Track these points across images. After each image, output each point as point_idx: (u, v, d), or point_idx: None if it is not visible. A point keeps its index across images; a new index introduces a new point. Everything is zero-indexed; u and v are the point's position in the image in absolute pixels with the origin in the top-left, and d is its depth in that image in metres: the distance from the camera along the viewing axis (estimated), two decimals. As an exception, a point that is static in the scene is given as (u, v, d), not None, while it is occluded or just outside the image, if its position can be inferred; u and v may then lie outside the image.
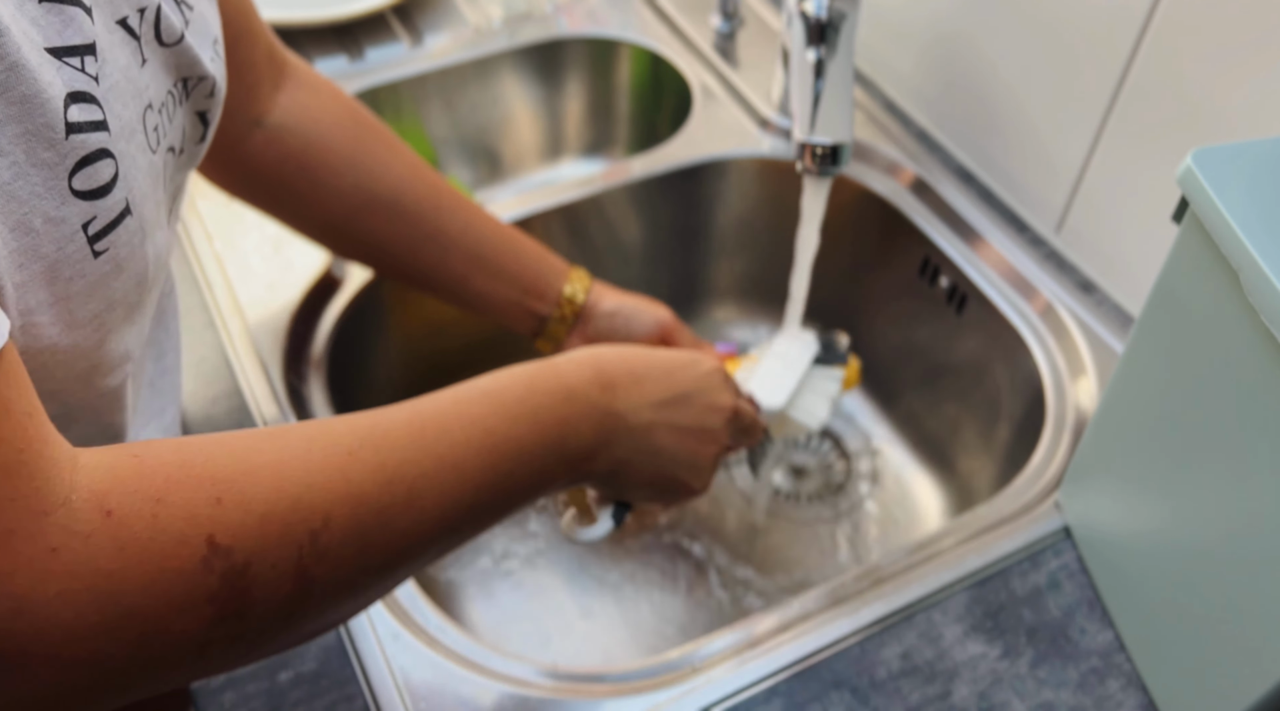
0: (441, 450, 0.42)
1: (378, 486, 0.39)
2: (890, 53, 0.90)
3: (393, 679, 0.56)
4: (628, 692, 0.56)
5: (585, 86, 1.05)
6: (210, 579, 0.33)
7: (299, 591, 0.36)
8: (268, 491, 0.35)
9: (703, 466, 0.56)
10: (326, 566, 0.37)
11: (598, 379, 0.50)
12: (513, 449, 0.45)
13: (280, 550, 0.35)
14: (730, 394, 0.58)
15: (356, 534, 0.38)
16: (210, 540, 0.33)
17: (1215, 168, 0.45)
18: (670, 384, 0.54)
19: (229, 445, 0.36)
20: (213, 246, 0.80)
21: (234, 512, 0.34)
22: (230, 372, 0.72)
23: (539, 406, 0.47)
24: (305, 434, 0.39)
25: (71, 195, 0.34)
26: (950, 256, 0.81)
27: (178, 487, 0.33)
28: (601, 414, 0.50)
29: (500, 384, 0.47)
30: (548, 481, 0.48)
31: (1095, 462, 0.61)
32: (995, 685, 0.57)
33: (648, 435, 0.52)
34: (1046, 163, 0.77)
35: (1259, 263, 0.41)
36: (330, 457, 0.38)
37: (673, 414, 0.53)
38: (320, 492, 0.37)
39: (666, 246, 0.95)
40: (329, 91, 0.67)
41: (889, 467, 0.90)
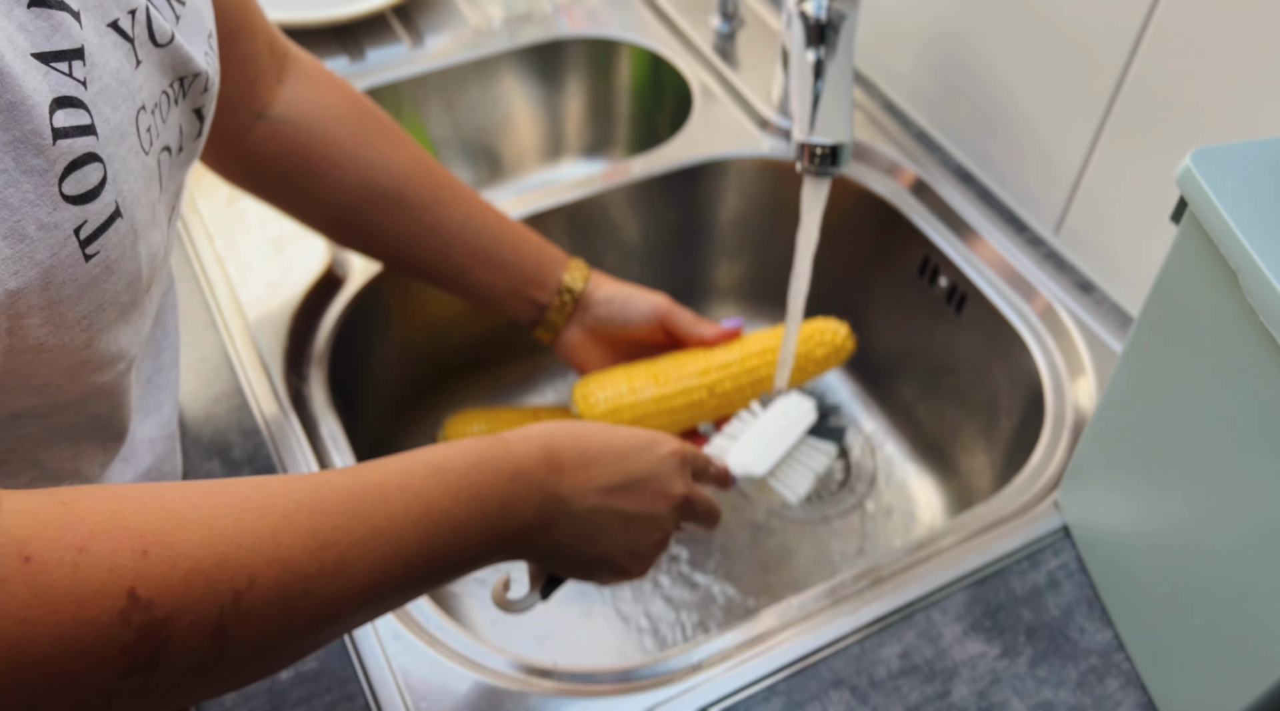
0: (378, 520, 0.41)
1: (307, 552, 0.38)
2: (890, 53, 0.90)
3: (393, 678, 0.56)
4: (628, 692, 0.56)
5: (585, 87, 1.05)
6: (126, 632, 0.33)
7: (215, 650, 0.35)
8: (196, 547, 0.35)
9: (642, 552, 0.55)
10: (246, 627, 0.36)
11: (546, 459, 0.50)
12: (451, 525, 0.44)
13: (201, 607, 0.35)
14: (684, 481, 0.56)
15: (280, 598, 0.37)
16: (131, 593, 0.33)
17: (1214, 168, 0.45)
18: (620, 468, 0.53)
19: (163, 498, 0.36)
20: (213, 246, 0.80)
21: (159, 567, 0.34)
22: (231, 372, 0.72)
23: (483, 485, 0.46)
24: (242, 492, 0.38)
25: (62, 200, 0.34)
26: (950, 256, 0.82)
27: (104, 538, 0.33)
28: (545, 496, 0.49)
29: (447, 457, 0.46)
30: (483, 557, 0.47)
31: (1094, 462, 0.61)
32: (994, 684, 0.57)
33: (590, 519, 0.51)
34: (1046, 163, 0.77)
35: (1258, 263, 0.41)
36: (263, 519, 0.38)
37: (619, 500, 0.52)
38: (248, 553, 0.36)
39: (666, 246, 0.95)
40: (332, 83, 0.67)
41: (889, 467, 0.90)
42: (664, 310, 0.74)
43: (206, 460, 0.67)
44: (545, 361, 0.96)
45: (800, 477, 0.67)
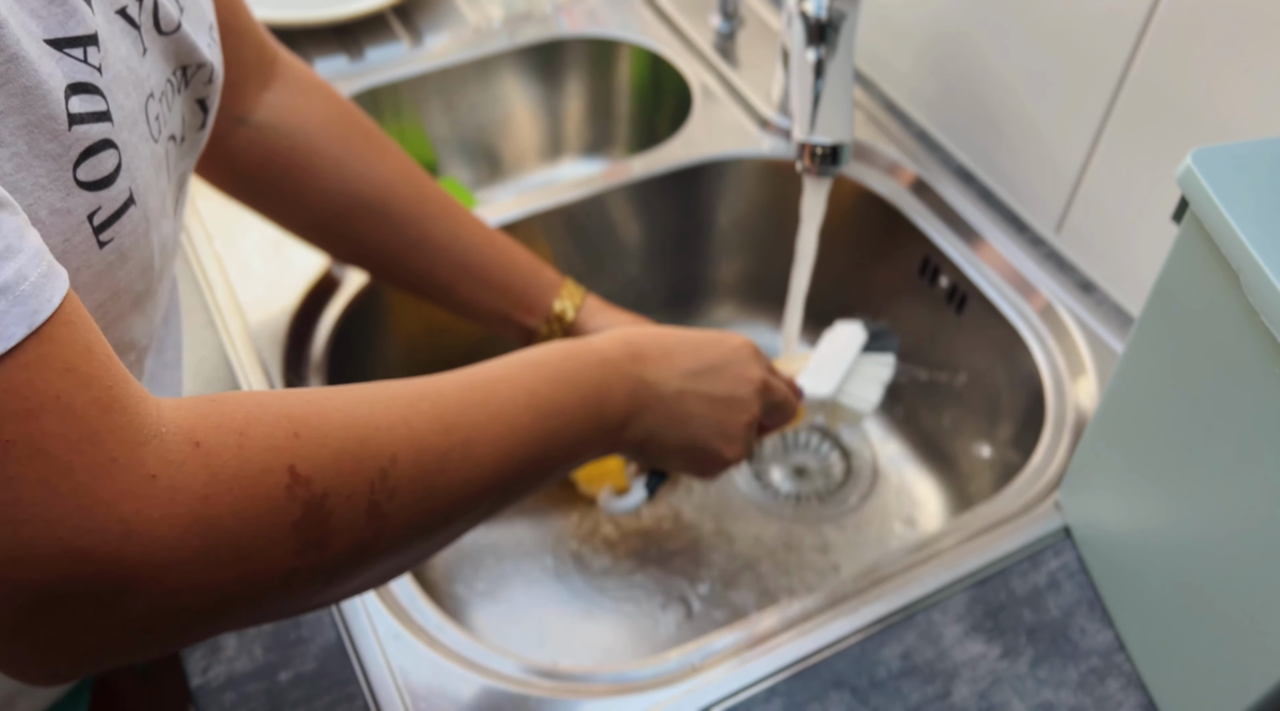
0: (492, 407, 0.45)
1: (436, 434, 0.41)
2: (890, 53, 0.90)
3: (393, 679, 0.56)
4: (628, 692, 0.56)
5: (585, 86, 1.05)
6: (293, 506, 0.35)
7: (371, 525, 0.38)
8: (339, 429, 0.38)
9: (734, 435, 0.58)
10: (395, 504, 0.39)
11: (629, 350, 0.53)
12: (555, 409, 0.48)
13: (354, 483, 0.37)
14: (760, 367, 0.60)
15: (421, 475, 0.40)
16: (292, 470, 0.35)
17: (1215, 168, 0.45)
18: (699, 356, 0.56)
19: (300, 393, 0.39)
20: (213, 246, 0.80)
21: (311, 446, 0.36)
22: (230, 373, 0.72)
23: (576, 372, 0.50)
24: (367, 388, 0.41)
25: (76, 186, 0.35)
26: (950, 256, 0.81)
27: (257, 423, 0.35)
28: (634, 382, 0.53)
29: (540, 353, 0.50)
30: (587, 446, 0.50)
31: (1095, 462, 0.61)
32: (995, 685, 0.57)
33: (678, 403, 0.55)
34: (1046, 163, 0.77)
35: (1259, 263, 0.41)
36: (393, 406, 0.41)
37: (702, 383, 0.56)
38: (386, 434, 0.39)
39: (666, 246, 0.95)
40: (321, 92, 0.66)
41: (889, 467, 0.90)
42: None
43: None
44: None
45: (868, 389, 0.69)
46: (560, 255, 0.89)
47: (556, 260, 0.89)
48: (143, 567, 0.31)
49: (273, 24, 0.95)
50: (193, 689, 0.56)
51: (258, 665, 0.57)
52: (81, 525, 0.30)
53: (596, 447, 0.51)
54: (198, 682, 0.56)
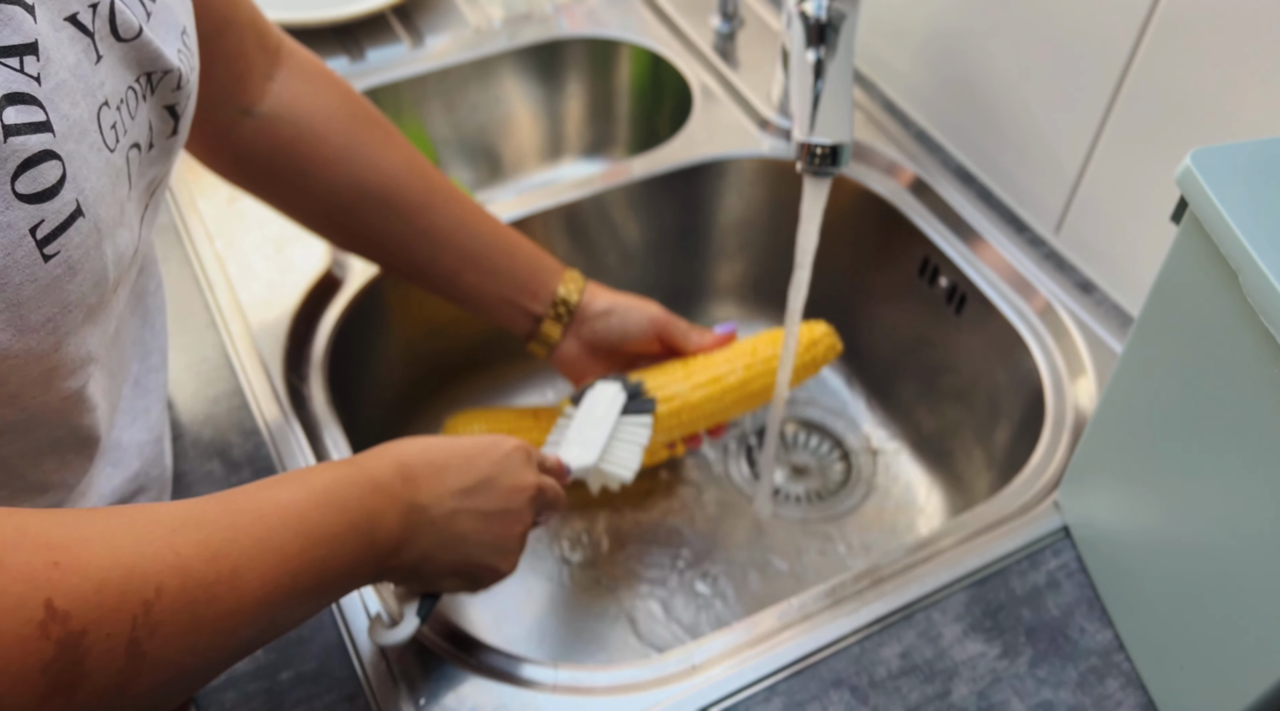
0: (259, 532, 0.42)
1: (203, 562, 0.38)
2: (890, 53, 0.90)
3: (393, 678, 0.56)
4: (628, 692, 0.56)
5: (585, 87, 1.05)
6: (46, 646, 0.32)
7: (130, 667, 0.35)
8: (103, 558, 0.35)
9: (509, 548, 0.56)
10: (158, 641, 0.36)
11: (400, 472, 0.50)
12: (326, 535, 0.45)
13: (116, 619, 0.34)
14: (532, 472, 0.57)
15: (186, 607, 0.37)
16: (48, 604, 0.32)
17: (1214, 168, 0.45)
18: (470, 471, 0.54)
19: (59, 515, 0.36)
20: (213, 246, 0.80)
21: (72, 577, 0.33)
22: (231, 372, 0.72)
23: (347, 497, 0.47)
24: (127, 511, 0.38)
25: (15, 199, 0.33)
26: (950, 256, 0.82)
27: (14, 550, 0.32)
28: (405, 506, 0.50)
29: (309, 475, 0.47)
30: (359, 573, 0.47)
31: (1094, 462, 0.61)
32: (994, 684, 0.57)
33: (451, 524, 0.52)
34: (1046, 163, 0.77)
35: (1258, 263, 0.41)
36: (156, 530, 0.38)
37: (475, 500, 0.53)
38: (151, 562, 0.36)
39: (666, 246, 0.95)
40: (326, 80, 0.66)
41: (889, 467, 0.90)
42: (660, 321, 0.73)
43: (206, 460, 0.67)
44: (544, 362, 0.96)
45: (628, 454, 0.69)
46: (560, 255, 0.89)
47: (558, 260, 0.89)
48: None
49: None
50: (193, 688, 0.56)
51: (258, 665, 0.57)
52: None
53: (368, 573, 0.48)
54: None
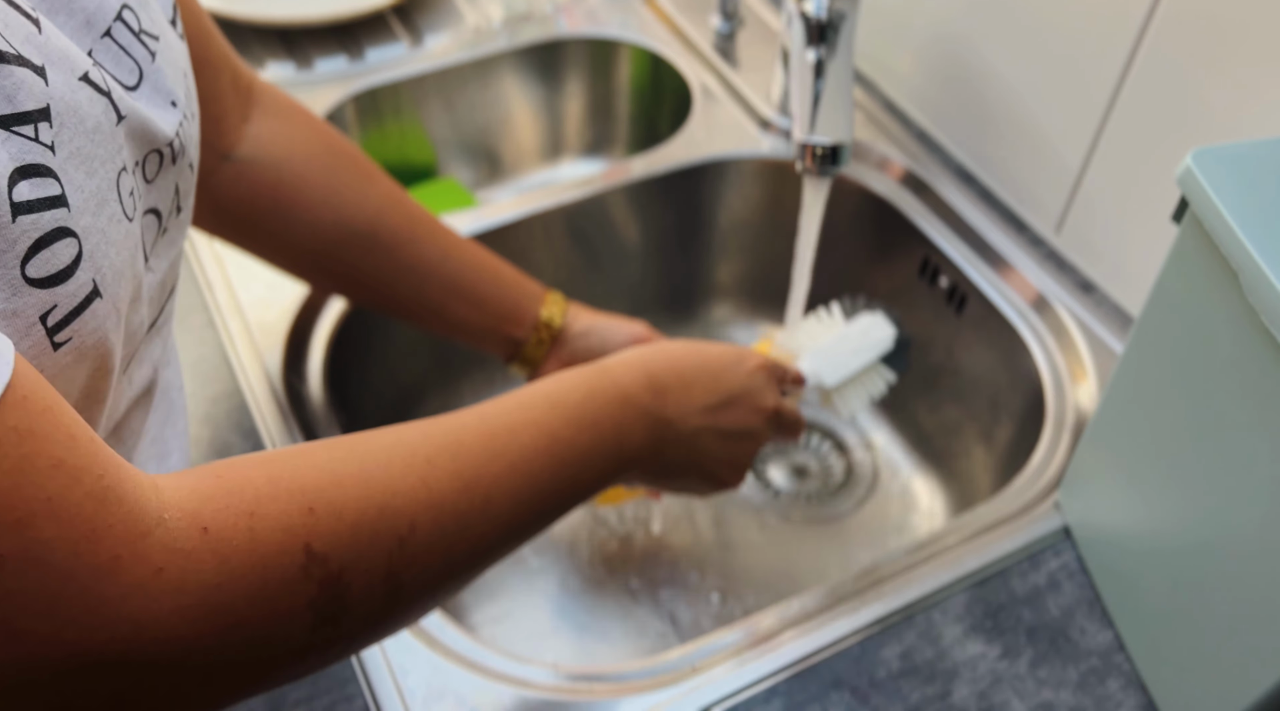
0: (512, 456, 0.43)
1: (456, 493, 0.40)
2: (890, 53, 0.90)
3: (393, 679, 0.56)
4: (628, 692, 0.56)
5: (585, 86, 1.05)
6: (310, 586, 0.34)
7: (389, 596, 0.37)
8: (356, 500, 0.36)
9: (741, 465, 0.59)
10: (414, 571, 0.38)
11: (649, 384, 0.52)
12: (575, 454, 0.47)
13: (372, 556, 0.36)
14: (774, 393, 0.60)
15: (440, 539, 0.39)
16: (307, 548, 0.34)
17: (1215, 168, 0.45)
18: (717, 387, 0.56)
19: (311, 457, 0.37)
20: (213, 246, 0.80)
21: (327, 521, 0.35)
22: (230, 373, 0.72)
23: (598, 412, 0.49)
24: (383, 443, 0.40)
25: (25, 284, 0.30)
26: (950, 256, 0.81)
27: (269, 500, 0.34)
28: (653, 420, 0.52)
29: (561, 390, 0.49)
30: (605, 480, 0.50)
31: (1095, 463, 0.61)
32: (995, 685, 0.57)
33: (695, 439, 0.55)
34: (1046, 163, 0.77)
35: (1259, 263, 0.41)
36: (411, 466, 0.39)
37: (719, 418, 0.56)
38: (405, 500, 0.38)
39: (666, 246, 0.95)
40: (301, 118, 0.64)
41: (889, 467, 0.90)
42: (643, 340, 0.73)
43: (206, 460, 0.66)
44: (545, 361, 0.96)
45: (858, 399, 0.69)
46: (560, 255, 0.89)
47: (556, 260, 0.89)
48: (156, 663, 0.30)
49: (273, 23, 0.95)
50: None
51: (258, 665, 0.57)
52: (89, 628, 0.29)
53: (613, 481, 0.51)
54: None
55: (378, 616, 0.37)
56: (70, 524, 0.28)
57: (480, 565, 0.43)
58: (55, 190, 0.31)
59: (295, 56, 0.96)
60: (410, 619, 0.40)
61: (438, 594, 0.41)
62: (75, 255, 0.32)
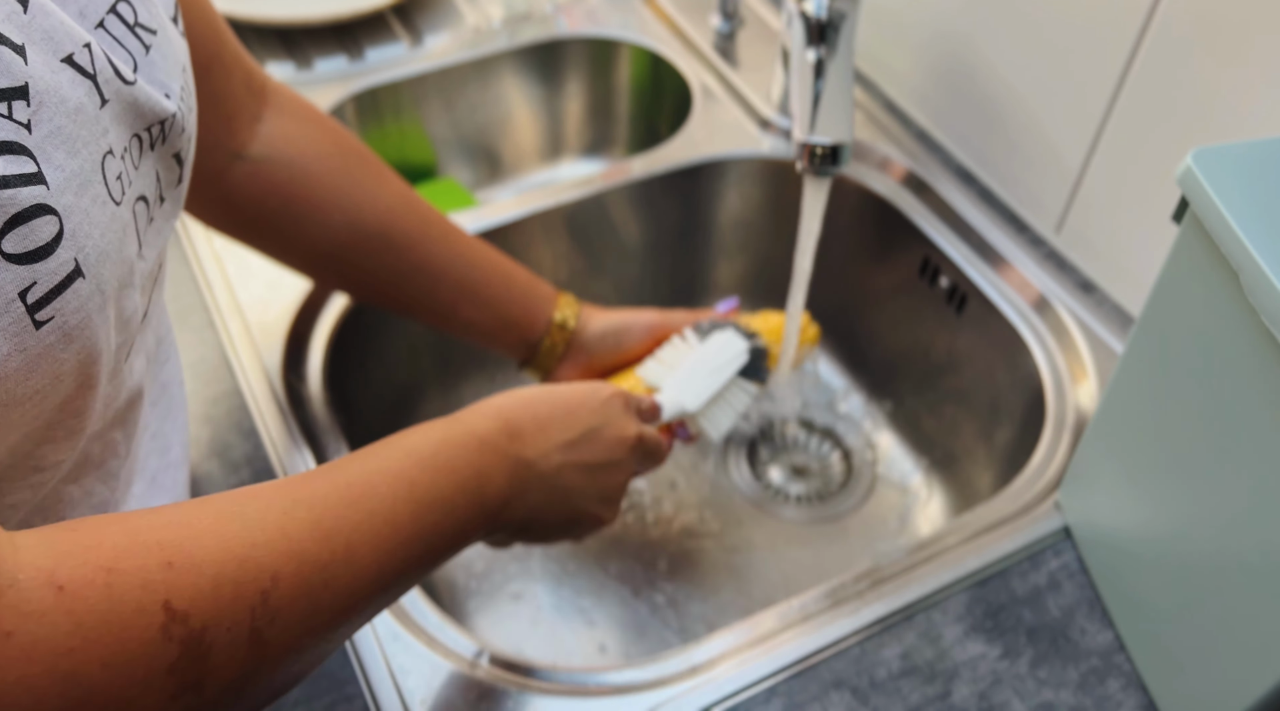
0: (371, 504, 0.42)
1: (316, 543, 0.38)
2: (890, 53, 0.90)
3: (392, 679, 0.56)
4: (628, 692, 0.56)
5: (585, 86, 1.05)
6: (170, 648, 0.32)
7: (253, 657, 0.35)
8: (215, 553, 0.34)
9: (612, 498, 0.57)
10: (278, 628, 0.36)
11: (504, 428, 0.51)
12: (436, 499, 0.45)
13: (234, 613, 0.34)
14: (633, 421, 0.58)
15: (304, 592, 0.37)
16: (167, 606, 0.32)
17: (1215, 168, 0.45)
18: (573, 422, 0.54)
19: (167, 513, 0.35)
20: (212, 246, 0.80)
21: (186, 576, 0.33)
22: (230, 373, 0.72)
23: (454, 458, 0.47)
24: (235, 498, 0.38)
25: (3, 259, 0.30)
26: (950, 256, 0.81)
27: (127, 555, 0.32)
28: (513, 462, 0.50)
29: (414, 441, 0.47)
30: (468, 533, 0.48)
31: (1095, 463, 0.61)
32: (995, 685, 0.57)
33: (558, 478, 0.53)
34: (1046, 162, 0.77)
35: (1259, 263, 0.41)
36: (267, 517, 0.37)
37: (580, 452, 0.54)
38: (265, 551, 0.36)
39: (666, 246, 0.95)
40: (313, 118, 0.64)
41: (889, 467, 0.90)
42: (658, 326, 0.73)
43: (205, 461, 0.67)
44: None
45: (724, 416, 0.68)
46: (560, 255, 0.89)
47: (556, 260, 0.89)
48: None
49: (273, 23, 0.95)
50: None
51: (257, 665, 0.57)
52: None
53: (477, 532, 0.49)
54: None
55: (242, 681, 0.35)
56: None
57: (347, 623, 0.40)
58: (30, 168, 0.31)
59: (295, 56, 0.96)
60: (275, 685, 0.38)
61: (303, 655, 0.39)
62: (56, 233, 0.32)
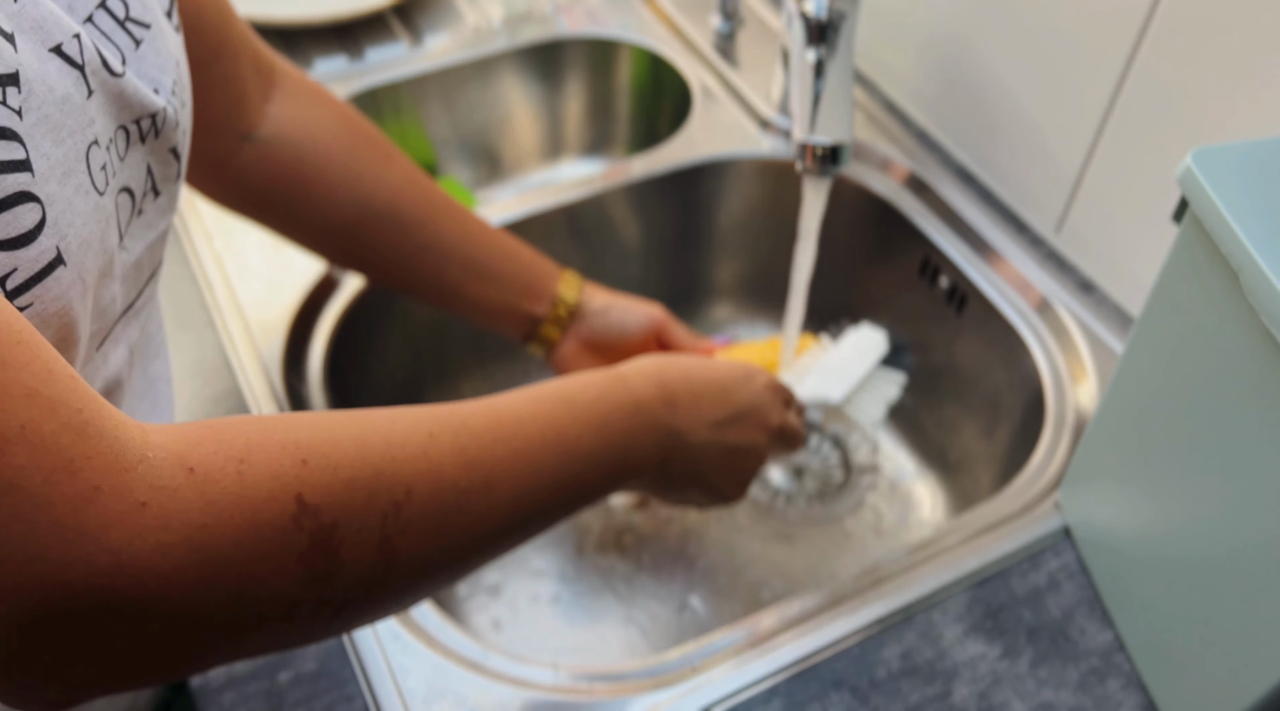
0: (518, 444, 0.43)
1: (457, 468, 0.39)
2: (890, 53, 0.90)
3: (392, 679, 0.56)
4: (628, 692, 0.56)
5: (585, 86, 1.05)
6: (300, 536, 0.33)
7: (383, 561, 0.36)
8: (352, 458, 0.36)
9: (745, 480, 0.59)
10: (408, 539, 0.37)
11: (662, 394, 0.52)
12: (582, 452, 0.46)
13: (366, 516, 0.35)
14: (779, 410, 0.60)
15: (437, 511, 0.38)
16: (299, 498, 0.33)
17: (1215, 168, 0.45)
18: (727, 402, 0.56)
19: (308, 418, 0.37)
20: (212, 246, 0.80)
21: (319, 474, 0.34)
22: (230, 373, 0.72)
23: (609, 415, 0.48)
24: (385, 414, 0.39)
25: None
26: (950, 256, 0.81)
27: (260, 449, 0.33)
28: (664, 431, 0.52)
29: (573, 389, 0.48)
30: (609, 487, 0.49)
31: (1095, 463, 0.61)
32: (995, 685, 0.57)
33: (701, 453, 0.54)
34: (1046, 162, 0.77)
35: (1259, 263, 0.41)
36: (411, 435, 0.38)
37: (726, 433, 0.56)
38: (403, 465, 0.37)
39: (666, 246, 0.95)
40: (321, 99, 0.65)
41: (889, 468, 0.90)
42: (659, 321, 0.74)
43: (206, 460, 0.67)
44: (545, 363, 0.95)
45: (873, 405, 0.69)
46: (560, 255, 0.89)
47: (556, 260, 0.89)
48: (136, 600, 0.29)
49: (273, 23, 0.95)
50: (193, 689, 0.56)
51: (257, 665, 0.57)
52: (66, 559, 0.28)
53: (617, 487, 0.50)
54: (197, 683, 0.56)
55: (369, 584, 0.36)
56: (45, 452, 0.28)
57: (477, 552, 0.42)
58: (20, 154, 0.31)
59: (295, 56, 0.96)
60: (403, 598, 0.39)
61: (432, 574, 0.40)
62: (38, 220, 0.32)
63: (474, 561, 0.42)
